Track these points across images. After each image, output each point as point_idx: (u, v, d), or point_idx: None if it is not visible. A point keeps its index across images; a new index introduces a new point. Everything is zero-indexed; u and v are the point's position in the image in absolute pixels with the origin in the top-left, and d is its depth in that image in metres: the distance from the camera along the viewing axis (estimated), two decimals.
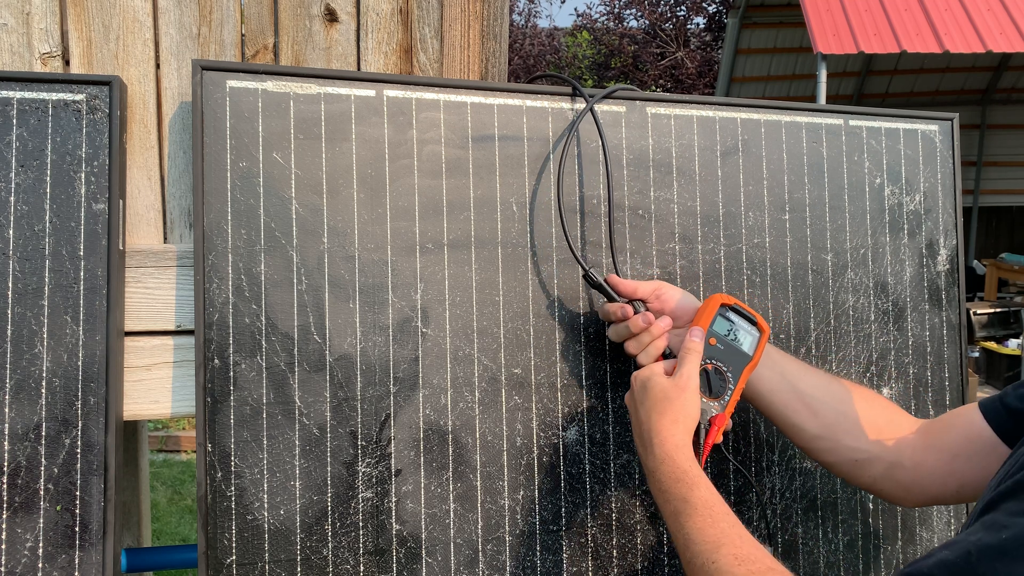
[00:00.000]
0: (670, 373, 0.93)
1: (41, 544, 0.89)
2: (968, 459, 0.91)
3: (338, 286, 0.98)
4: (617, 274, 1.04)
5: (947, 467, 0.93)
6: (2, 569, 0.87)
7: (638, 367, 0.98)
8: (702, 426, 0.94)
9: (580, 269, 1.04)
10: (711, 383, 0.96)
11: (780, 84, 10.26)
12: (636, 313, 0.99)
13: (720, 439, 0.97)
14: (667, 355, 0.99)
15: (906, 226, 1.25)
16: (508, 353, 1.04)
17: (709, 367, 0.97)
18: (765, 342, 0.99)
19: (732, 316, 0.99)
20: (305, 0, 1.07)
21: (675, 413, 0.89)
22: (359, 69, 1.09)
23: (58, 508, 0.89)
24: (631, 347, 1.00)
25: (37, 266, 0.91)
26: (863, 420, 0.98)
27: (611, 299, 1.01)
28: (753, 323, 0.99)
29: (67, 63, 1.00)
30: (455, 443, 1.01)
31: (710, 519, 0.80)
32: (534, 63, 14.25)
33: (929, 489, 0.95)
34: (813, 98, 8.53)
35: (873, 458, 0.97)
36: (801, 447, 1.02)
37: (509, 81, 1.15)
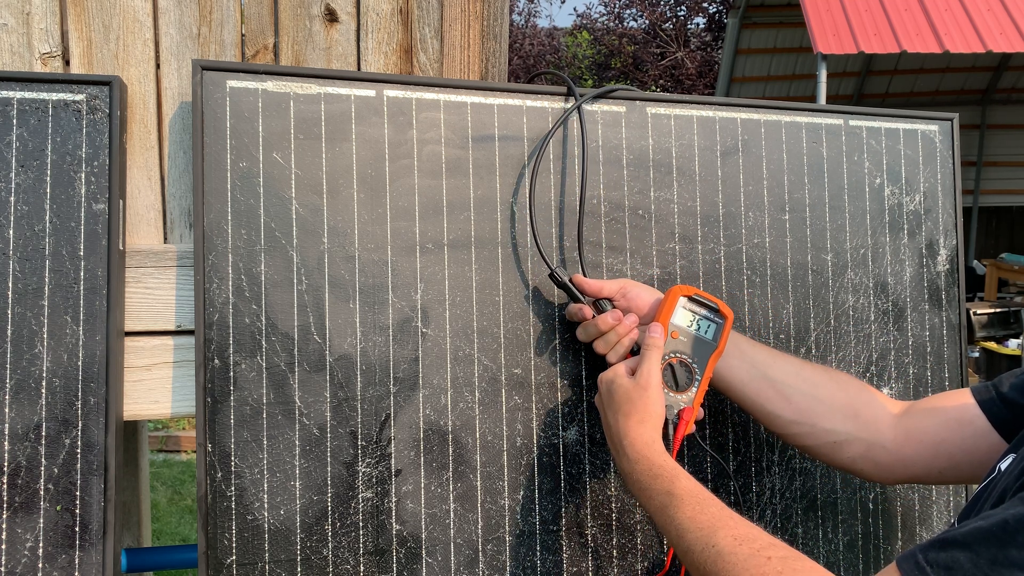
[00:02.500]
0: (634, 371, 0.94)
1: (41, 544, 0.89)
2: (956, 444, 0.93)
3: (338, 286, 0.98)
4: (585, 274, 1.04)
5: (932, 450, 0.94)
6: (2, 569, 0.87)
7: (608, 367, 0.99)
8: (670, 421, 0.95)
9: (547, 268, 1.03)
10: (677, 377, 0.97)
11: (780, 84, 10.26)
12: (602, 312, 0.99)
13: (693, 430, 0.97)
14: (636, 352, 0.99)
15: (906, 226, 1.25)
16: (508, 353, 1.04)
17: (674, 361, 0.97)
18: (730, 328, 1.00)
19: (693, 307, 1.00)
20: (305, 0, 1.07)
21: (640, 413, 0.90)
22: (359, 69, 1.09)
23: (58, 508, 0.89)
24: (599, 346, 1.00)
25: (37, 266, 0.91)
26: (838, 403, 1.00)
27: (575, 299, 1.01)
28: (716, 311, 1.00)
29: (67, 63, 1.00)
30: (455, 443, 1.01)
31: (698, 506, 0.80)
32: (534, 63, 14.25)
33: (911, 469, 0.97)
34: (813, 98, 8.53)
35: (852, 440, 0.98)
36: (777, 434, 1.03)
37: (509, 81, 1.15)
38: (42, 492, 0.89)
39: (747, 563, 0.72)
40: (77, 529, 0.89)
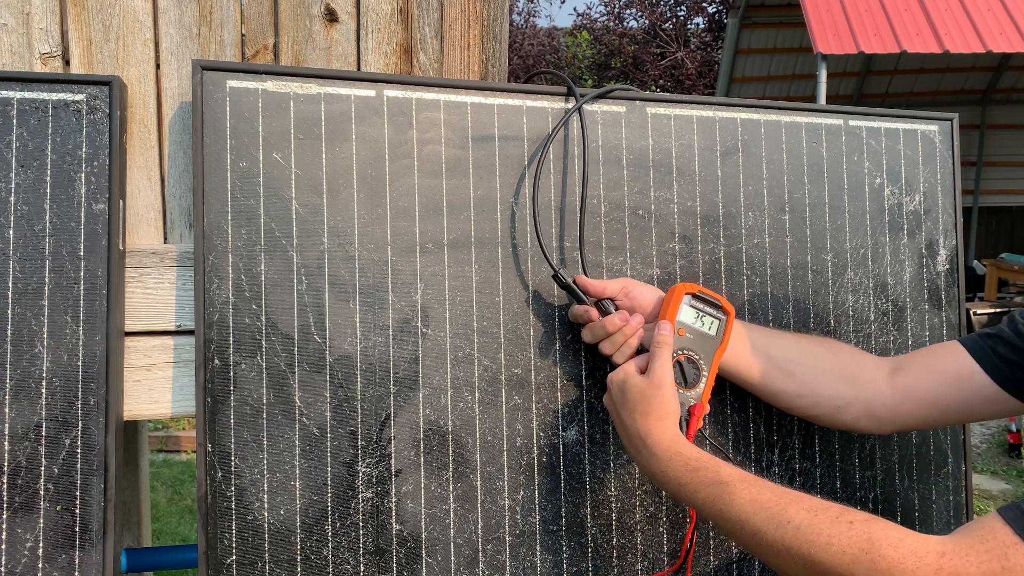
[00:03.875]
0: (643, 370, 0.94)
1: (41, 544, 0.89)
2: (954, 398, 0.98)
3: (338, 286, 0.98)
4: (586, 274, 1.04)
5: (930, 405, 0.99)
6: (2, 569, 0.87)
7: (614, 367, 0.99)
8: (683, 418, 0.95)
9: (551, 269, 1.03)
10: (685, 374, 0.98)
11: (780, 84, 10.27)
12: (607, 313, 1.00)
13: (700, 425, 0.98)
14: (640, 351, 1.00)
15: (906, 226, 1.25)
16: (508, 353, 1.04)
17: (681, 358, 0.98)
18: (732, 324, 1.01)
19: (697, 303, 1.01)
20: (305, 0, 1.07)
21: (659, 411, 0.91)
22: (359, 69, 1.09)
23: (58, 508, 0.89)
24: (606, 347, 1.00)
25: (37, 266, 0.91)
26: (837, 369, 1.03)
27: (579, 300, 1.01)
28: (718, 307, 1.01)
29: (67, 63, 1.00)
30: (455, 443, 1.01)
31: (755, 488, 0.79)
32: (534, 63, 14.25)
33: (909, 421, 1.02)
34: (813, 98, 8.54)
35: (853, 401, 1.02)
36: (785, 408, 1.06)
37: (509, 81, 1.15)
38: (42, 492, 0.89)
39: (832, 531, 0.71)
40: (77, 529, 0.89)
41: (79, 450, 0.90)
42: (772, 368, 1.02)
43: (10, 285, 0.90)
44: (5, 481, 0.88)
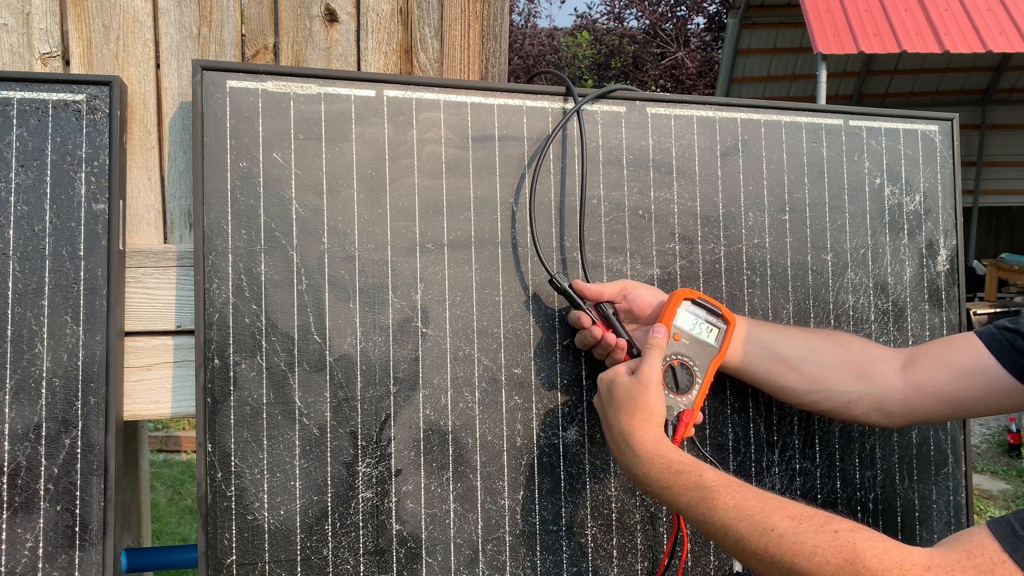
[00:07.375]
0: (634, 371, 0.93)
1: (41, 544, 0.89)
2: (968, 392, 0.97)
3: (338, 286, 0.98)
4: (586, 276, 1.04)
5: (943, 400, 0.98)
6: (2, 569, 0.87)
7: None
8: (669, 422, 0.95)
9: (547, 273, 1.02)
10: (677, 379, 0.97)
11: (780, 84, 10.27)
12: (604, 316, 1.00)
13: (691, 433, 0.97)
14: (634, 355, 0.99)
15: (906, 226, 1.25)
16: (508, 353, 1.04)
17: (675, 363, 0.97)
18: (732, 333, 1.01)
19: (697, 310, 1.00)
20: (305, 0, 1.07)
21: (643, 411, 0.90)
22: (359, 69, 1.09)
23: (58, 508, 0.89)
24: (599, 352, 1.00)
25: (37, 266, 0.91)
26: (846, 364, 1.02)
27: (576, 305, 1.00)
28: (718, 315, 1.01)
29: (67, 63, 1.00)
30: (455, 443, 1.01)
31: (738, 494, 0.78)
32: (534, 63, 14.25)
33: (920, 415, 1.01)
34: (813, 98, 8.54)
35: (864, 396, 1.01)
36: (795, 404, 1.05)
37: (509, 81, 1.15)
38: (42, 492, 0.89)
39: (816, 541, 0.70)
40: (77, 529, 0.89)
41: (79, 450, 0.90)
42: (780, 366, 1.02)
43: (10, 285, 0.90)
44: (5, 481, 0.88)
